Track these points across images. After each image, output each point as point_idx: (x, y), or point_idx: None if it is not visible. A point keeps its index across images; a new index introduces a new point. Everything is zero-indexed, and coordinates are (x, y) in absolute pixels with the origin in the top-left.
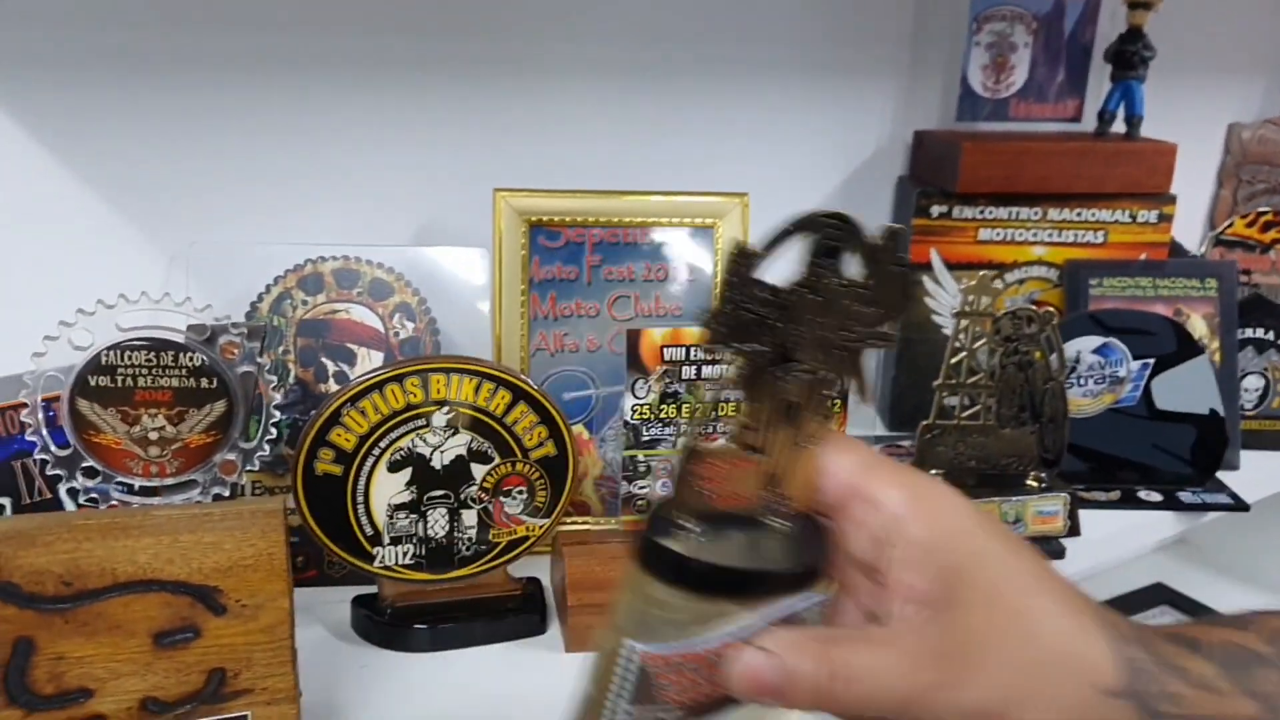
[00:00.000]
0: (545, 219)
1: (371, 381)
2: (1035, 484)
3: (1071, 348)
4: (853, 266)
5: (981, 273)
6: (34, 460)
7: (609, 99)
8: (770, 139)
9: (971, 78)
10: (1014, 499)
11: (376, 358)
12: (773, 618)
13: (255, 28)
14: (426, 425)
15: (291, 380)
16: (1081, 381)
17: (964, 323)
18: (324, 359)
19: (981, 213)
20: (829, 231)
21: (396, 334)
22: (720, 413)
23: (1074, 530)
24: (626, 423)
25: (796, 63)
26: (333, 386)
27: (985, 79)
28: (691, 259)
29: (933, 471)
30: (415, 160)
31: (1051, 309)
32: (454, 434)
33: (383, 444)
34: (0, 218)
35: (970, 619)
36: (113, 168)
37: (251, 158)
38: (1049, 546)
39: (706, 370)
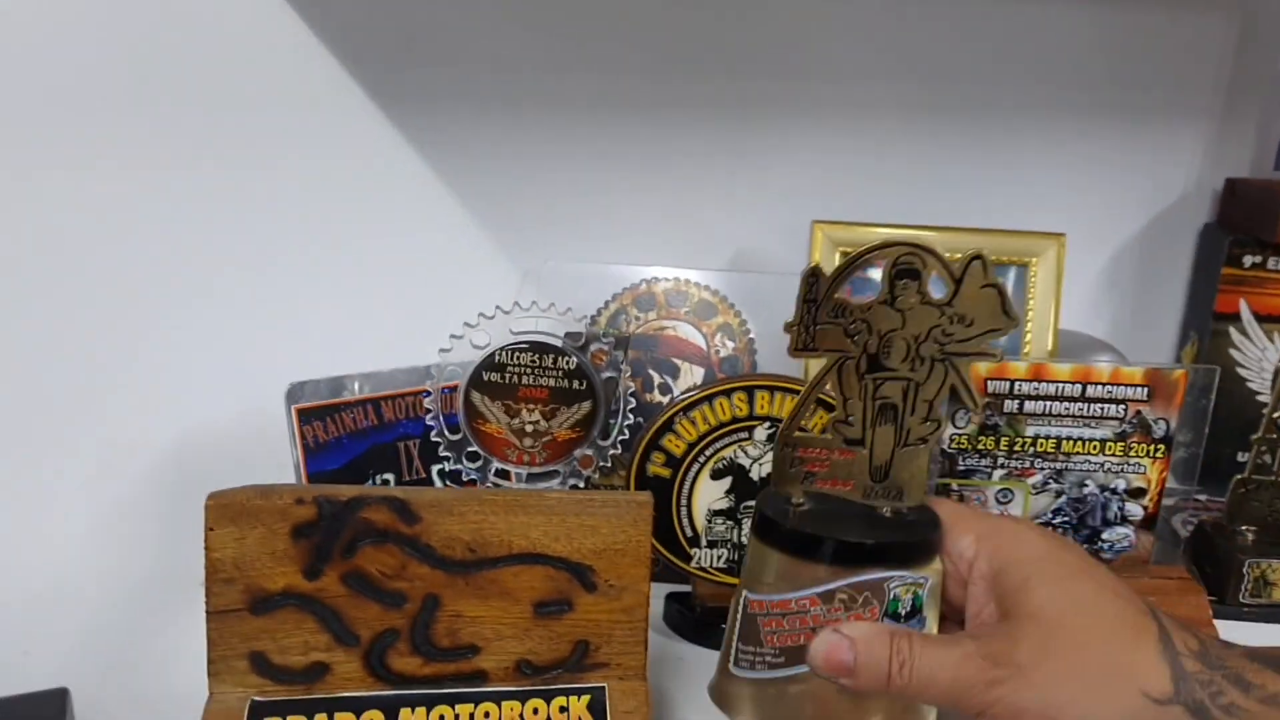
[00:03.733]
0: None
1: (703, 394)
2: None
3: None
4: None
5: None
6: (413, 443)
7: (920, 136)
8: (1076, 182)
9: None
10: None
11: (698, 373)
12: (856, 583)
13: (606, 73)
14: (749, 438)
15: None
16: None
17: None
18: (651, 370)
19: None
20: (905, 255)
21: (718, 351)
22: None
23: None
24: (943, 451)
25: (1106, 105)
26: (658, 396)
27: None
28: None
29: (1244, 527)
30: (736, 190)
31: None
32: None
33: (708, 452)
34: (400, 232)
35: (1021, 632)
36: (485, 195)
37: (596, 189)
38: None
39: (1029, 405)
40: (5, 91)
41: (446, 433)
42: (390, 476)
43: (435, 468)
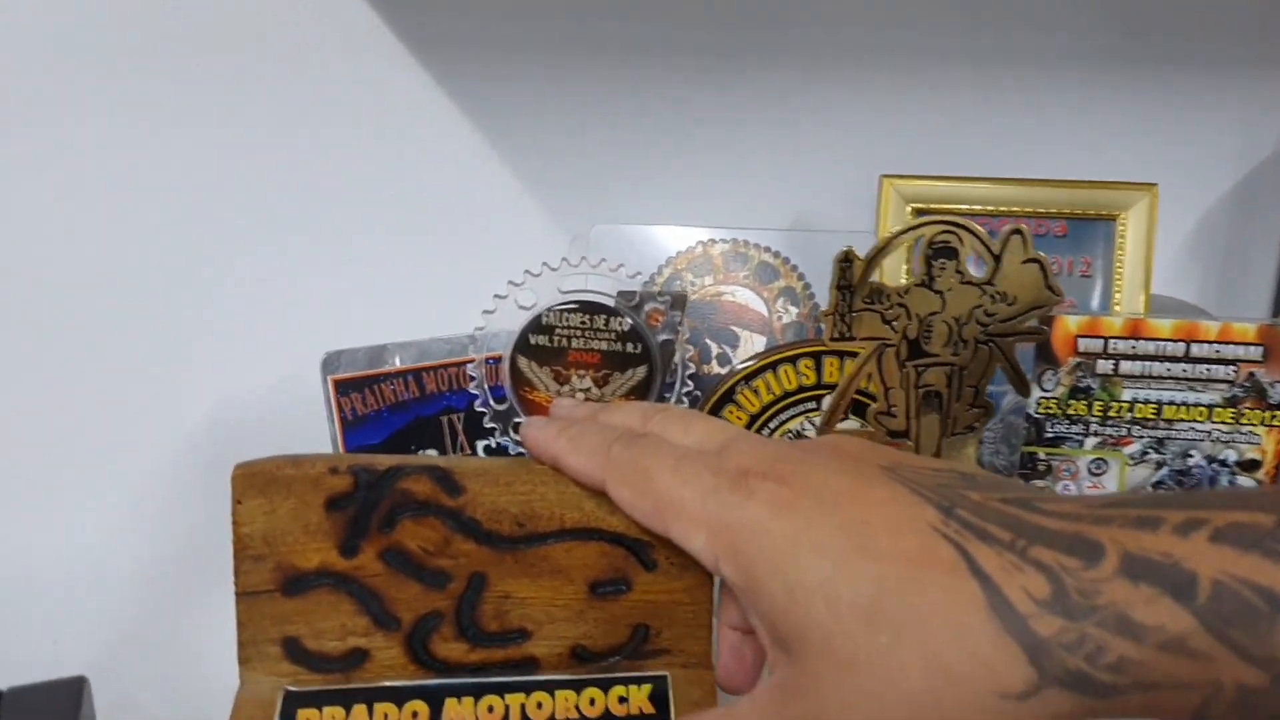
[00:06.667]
0: (933, 206)
1: (766, 362)
2: None
3: None
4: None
5: None
6: (457, 416)
7: (993, 84)
8: (1160, 135)
9: None
10: None
11: (759, 341)
12: None
13: (658, 20)
14: (816, 409)
15: None
16: None
17: None
18: (708, 340)
19: None
20: (941, 234)
21: (780, 318)
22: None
23: None
24: (1030, 416)
25: (1193, 52)
26: (716, 368)
27: None
28: (1089, 253)
29: None
30: (798, 144)
31: None
32: (844, 419)
33: (772, 425)
34: (439, 192)
35: (812, 685)
36: (530, 153)
37: (647, 145)
38: None
39: (1125, 365)
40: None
41: (493, 403)
42: (433, 452)
43: (481, 443)
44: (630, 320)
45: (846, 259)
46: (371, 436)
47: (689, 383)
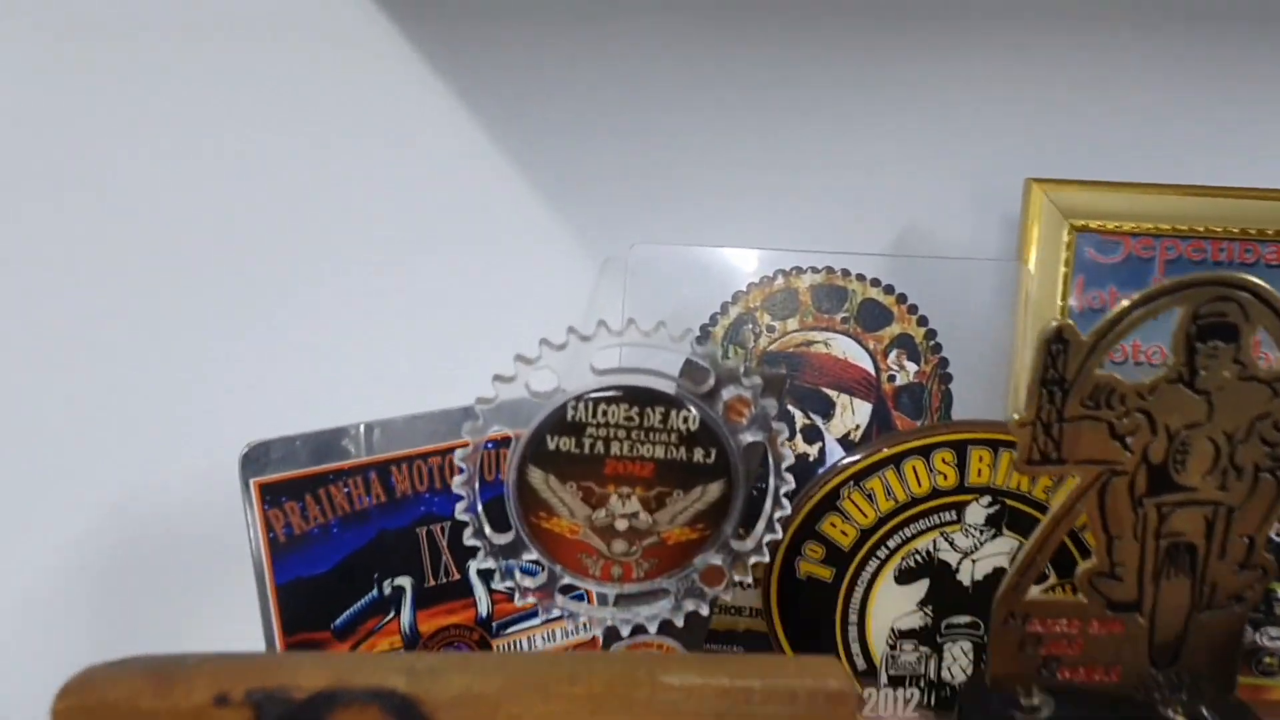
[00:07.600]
0: (1099, 224)
1: (885, 453)
2: None
3: None
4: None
5: None
6: (441, 527)
7: (1169, 59)
8: None
9: None
10: None
11: (863, 410)
12: None
13: None
14: (957, 521)
15: None
16: None
17: None
18: (791, 407)
19: None
20: (1214, 301)
21: (892, 378)
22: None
23: None
24: (1270, 540)
25: None
26: (800, 445)
27: None
28: None
29: None
30: (907, 138)
31: None
32: (995, 536)
33: (891, 543)
34: (428, 206)
35: None
36: (548, 149)
37: (706, 140)
38: None
39: None
40: None
41: (488, 529)
42: (406, 582)
43: (474, 565)
44: (699, 414)
45: (1059, 339)
46: (314, 564)
47: (785, 501)
